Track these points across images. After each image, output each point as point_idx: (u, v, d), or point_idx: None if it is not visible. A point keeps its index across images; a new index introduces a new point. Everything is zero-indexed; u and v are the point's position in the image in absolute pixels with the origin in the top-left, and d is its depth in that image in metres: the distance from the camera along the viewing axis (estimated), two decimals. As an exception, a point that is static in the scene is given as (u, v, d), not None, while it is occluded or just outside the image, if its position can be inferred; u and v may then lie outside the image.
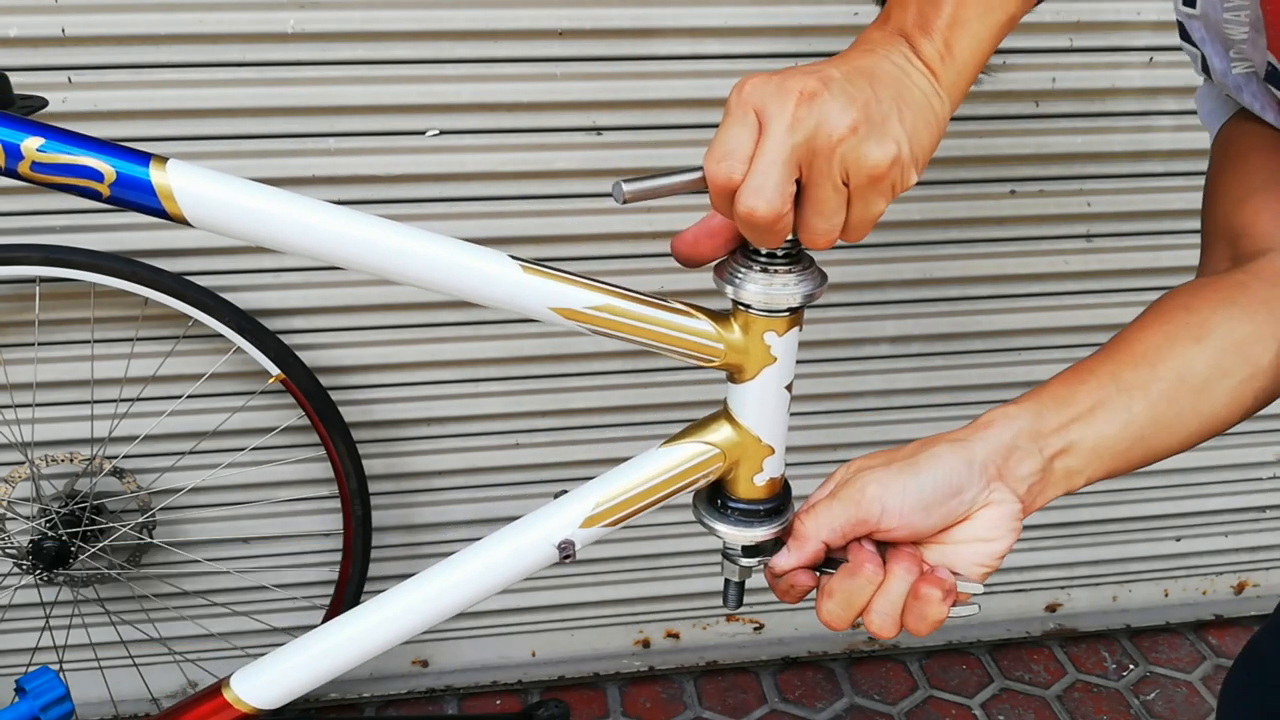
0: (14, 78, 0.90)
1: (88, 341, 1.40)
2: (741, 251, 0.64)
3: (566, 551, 0.69)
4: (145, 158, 0.67)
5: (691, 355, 0.66)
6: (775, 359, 0.65)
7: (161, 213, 0.68)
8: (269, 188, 0.69)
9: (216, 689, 0.80)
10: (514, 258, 0.65)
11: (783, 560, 0.67)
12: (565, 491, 0.70)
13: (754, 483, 0.69)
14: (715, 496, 0.70)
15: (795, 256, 0.63)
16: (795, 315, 0.64)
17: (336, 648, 0.75)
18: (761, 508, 0.69)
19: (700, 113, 1.39)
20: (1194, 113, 1.50)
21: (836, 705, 1.73)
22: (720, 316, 0.66)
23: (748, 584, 0.73)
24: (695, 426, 0.69)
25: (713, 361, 0.66)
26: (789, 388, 0.67)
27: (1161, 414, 0.68)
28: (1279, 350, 0.69)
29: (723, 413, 0.68)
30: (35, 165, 0.67)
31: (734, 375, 0.67)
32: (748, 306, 0.63)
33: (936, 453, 0.65)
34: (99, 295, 1.37)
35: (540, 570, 0.71)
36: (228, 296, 1.38)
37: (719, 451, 0.68)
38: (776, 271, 0.62)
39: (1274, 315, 0.70)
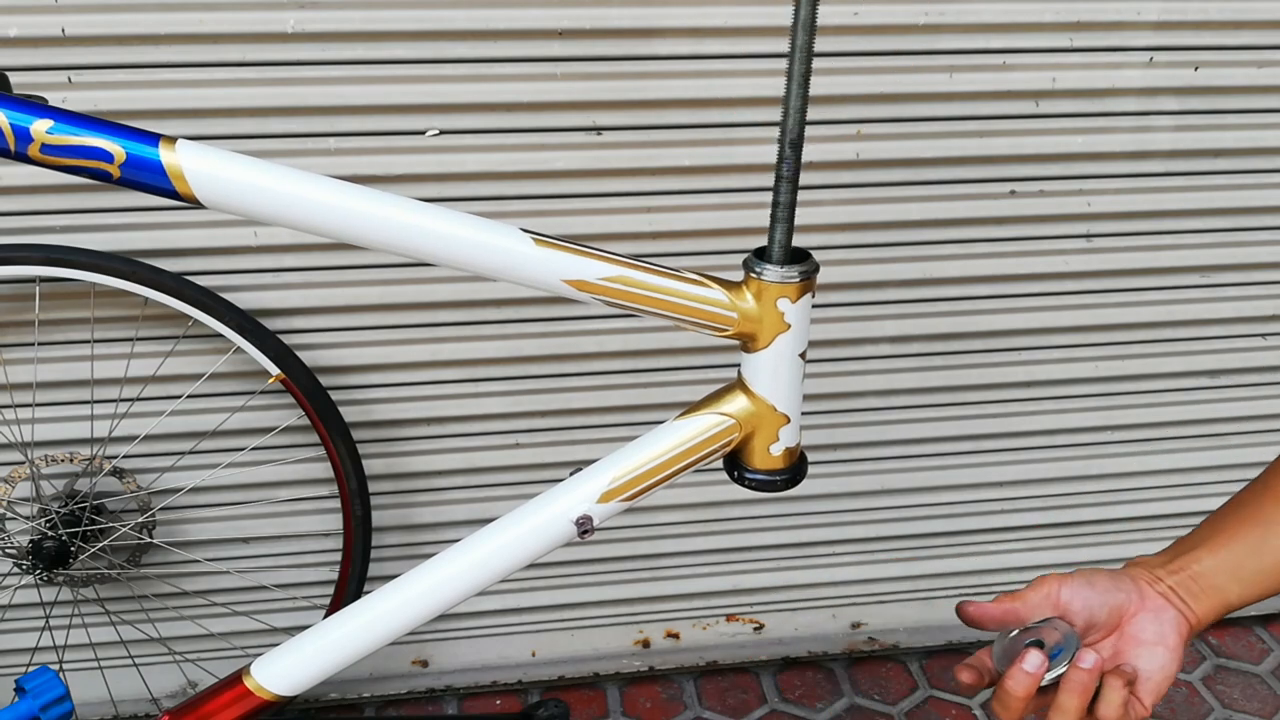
0: (14, 78, 0.90)
1: (88, 341, 1.40)
2: None
3: (585, 527, 0.68)
4: (155, 138, 0.67)
5: (705, 324, 0.66)
6: (789, 326, 0.65)
7: (172, 193, 0.68)
8: (279, 165, 0.69)
9: (237, 678, 0.79)
10: (526, 230, 0.65)
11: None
12: (580, 468, 0.70)
13: (770, 452, 0.69)
14: (733, 469, 0.70)
15: None
16: (808, 281, 0.64)
17: (358, 631, 0.75)
18: (779, 477, 0.69)
19: (701, 112, 1.39)
20: (1194, 112, 1.52)
21: (836, 705, 1.72)
22: (733, 285, 0.66)
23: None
24: (710, 398, 0.69)
25: (726, 330, 0.66)
26: (803, 355, 0.67)
27: None
28: None
29: (737, 383, 0.68)
30: (45, 147, 0.67)
31: (747, 344, 0.67)
32: (760, 274, 0.63)
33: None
34: (99, 295, 1.37)
35: (559, 547, 0.70)
36: (228, 296, 1.37)
37: (735, 422, 0.68)
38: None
39: None
